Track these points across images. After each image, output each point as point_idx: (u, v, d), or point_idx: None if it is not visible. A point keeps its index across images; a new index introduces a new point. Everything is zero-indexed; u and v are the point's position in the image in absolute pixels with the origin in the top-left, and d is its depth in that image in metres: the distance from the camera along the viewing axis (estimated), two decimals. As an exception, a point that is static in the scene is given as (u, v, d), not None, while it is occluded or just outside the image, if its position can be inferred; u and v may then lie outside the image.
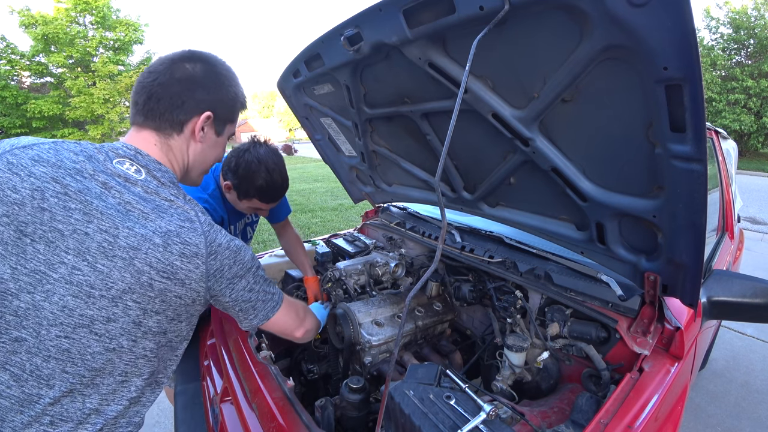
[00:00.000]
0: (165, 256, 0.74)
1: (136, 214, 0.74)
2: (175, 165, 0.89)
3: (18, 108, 15.55)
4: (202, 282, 0.79)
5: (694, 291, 1.00)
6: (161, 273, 0.74)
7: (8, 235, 0.69)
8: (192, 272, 0.77)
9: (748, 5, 14.79)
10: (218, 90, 0.88)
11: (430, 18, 0.98)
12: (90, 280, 0.70)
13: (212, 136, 0.92)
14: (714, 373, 2.70)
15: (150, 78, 0.83)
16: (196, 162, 0.93)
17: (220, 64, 0.91)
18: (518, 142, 1.13)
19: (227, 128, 0.96)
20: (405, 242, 2.03)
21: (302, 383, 1.68)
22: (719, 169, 2.14)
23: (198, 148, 0.91)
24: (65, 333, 0.70)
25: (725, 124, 14.20)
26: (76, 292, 0.70)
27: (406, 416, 0.88)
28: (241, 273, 0.86)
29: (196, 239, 0.77)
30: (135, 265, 0.72)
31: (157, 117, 0.83)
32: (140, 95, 0.83)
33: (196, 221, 0.79)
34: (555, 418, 1.01)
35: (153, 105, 0.83)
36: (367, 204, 2.43)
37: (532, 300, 1.41)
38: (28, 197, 0.69)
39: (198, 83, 0.85)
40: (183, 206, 0.80)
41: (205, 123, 0.88)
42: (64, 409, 0.72)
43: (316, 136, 2.06)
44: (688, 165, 0.81)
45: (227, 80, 0.90)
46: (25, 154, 0.72)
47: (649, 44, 0.71)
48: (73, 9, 16.31)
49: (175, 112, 0.84)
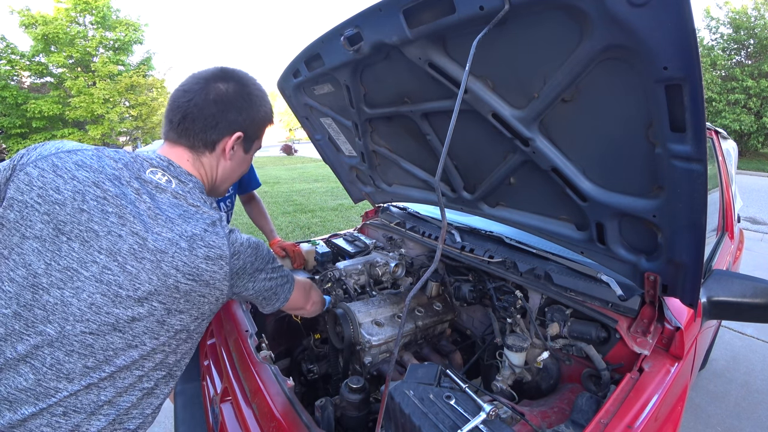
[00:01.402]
0: (191, 260, 0.76)
1: (163, 219, 0.77)
2: (205, 179, 0.93)
3: (18, 108, 15.53)
4: (226, 281, 0.82)
5: (694, 291, 1.00)
6: (187, 276, 0.76)
7: (47, 232, 0.72)
8: (216, 273, 0.80)
9: (748, 5, 14.81)
10: (249, 110, 0.91)
11: (430, 18, 0.98)
12: (119, 280, 0.73)
13: (241, 153, 0.97)
14: (714, 373, 2.70)
15: (185, 98, 0.86)
16: (224, 177, 0.97)
17: (252, 83, 0.93)
18: (518, 142, 1.13)
19: (255, 145, 1.00)
20: (405, 242, 2.03)
21: (302, 383, 1.68)
22: (719, 169, 2.14)
23: (227, 166, 0.95)
24: (90, 329, 0.73)
25: (725, 124, 14.21)
26: (105, 291, 0.73)
27: (406, 416, 0.88)
28: (261, 266, 0.90)
29: (219, 242, 0.80)
30: (162, 268, 0.74)
31: (191, 136, 0.87)
32: (175, 114, 0.87)
33: (219, 225, 0.82)
34: (555, 418, 1.01)
35: (188, 125, 0.86)
36: (367, 204, 2.43)
37: (532, 300, 1.41)
38: (70, 198, 0.73)
39: (231, 104, 0.88)
40: (208, 211, 0.83)
41: (236, 142, 0.91)
42: (78, 400, 0.73)
43: (316, 136, 2.06)
44: (688, 165, 0.81)
45: (258, 100, 0.93)
46: (70, 158, 0.77)
47: (649, 44, 0.71)
48: (73, 9, 16.32)
49: (208, 133, 0.87)
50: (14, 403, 0.70)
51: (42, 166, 0.75)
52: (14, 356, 0.71)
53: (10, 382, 0.71)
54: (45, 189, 0.73)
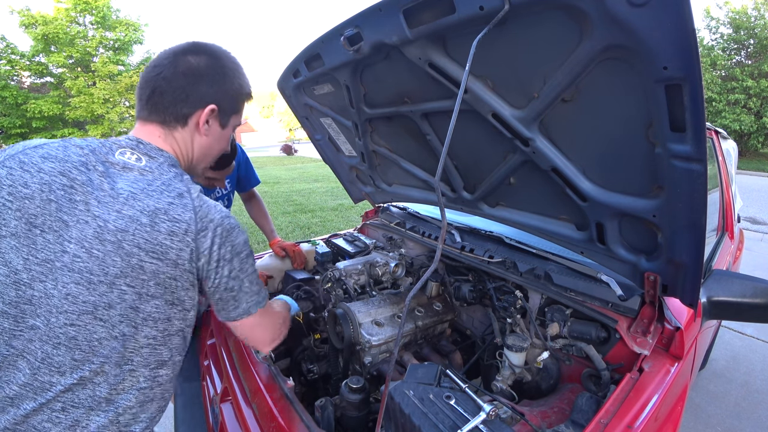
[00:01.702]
0: (152, 236, 0.73)
1: (125, 196, 0.74)
2: (180, 156, 0.89)
3: (18, 108, 15.53)
4: (194, 262, 0.77)
5: (694, 291, 1.00)
6: (150, 254, 0.73)
7: (20, 228, 0.72)
8: (183, 251, 0.75)
9: (748, 5, 14.80)
10: (223, 83, 0.88)
11: (430, 18, 0.98)
12: (89, 267, 0.72)
13: (217, 128, 0.92)
14: (714, 373, 2.70)
15: (154, 72, 0.84)
16: (201, 154, 0.93)
17: (225, 56, 0.90)
18: (518, 142, 1.13)
19: (232, 120, 0.95)
20: (405, 242, 2.03)
21: (302, 383, 1.68)
22: (719, 169, 2.14)
23: (203, 141, 0.91)
24: (70, 320, 0.72)
25: (725, 124, 14.20)
26: (78, 279, 0.72)
27: (406, 416, 0.88)
28: (229, 256, 0.82)
29: (185, 215, 0.75)
30: (124, 247, 0.72)
31: (161, 111, 0.84)
32: (145, 89, 0.84)
33: (188, 197, 0.78)
34: (555, 418, 1.01)
35: (157, 99, 0.83)
36: (367, 204, 2.43)
37: (532, 300, 1.41)
38: (38, 191, 0.72)
39: (202, 76, 0.85)
40: (176, 184, 0.79)
41: (210, 116, 0.88)
42: (75, 396, 0.73)
43: (316, 136, 2.06)
44: (688, 165, 0.81)
45: (232, 72, 0.90)
46: (36, 153, 0.75)
47: (649, 44, 0.71)
48: (73, 9, 16.29)
49: (179, 106, 0.84)
50: (15, 399, 0.71)
51: (9, 164, 0.73)
52: (11, 353, 0.71)
53: (11, 378, 0.71)
54: (14, 186, 0.72)
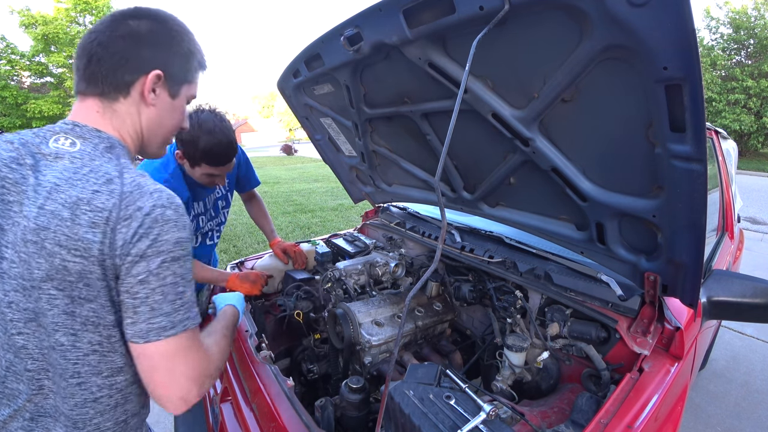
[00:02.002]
0: (73, 231, 0.63)
1: (48, 189, 0.65)
2: (126, 134, 0.78)
3: (18, 108, 15.54)
4: (112, 259, 0.65)
5: (694, 291, 1.00)
6: (73, 251, 0.64)
7: None
8: (104, 244, 0.64)
9: (748, 5, 14.81)
10: (168, 47, 0.78)
11: (430, 18, 0.98)
12: (20, 271, 0.66)
13: (166, 98, 0.81)
14: (714, 373, 2.70)
15: (90, 38, 0.74)
16: (152, 128, 0.82)
17: (171, 19, 0.81)
18: (518, 142, 1.13)
19: (184, 90, 0.84)
20: (405, 242, 2.03)
21: (302, 383, 1.68)
22: (719, 169, 2.14)
23: (152, 114, 0.80)
24: (17, 329, 0.68)
25: (725, 124, 14.21)
26: (16, 286, 0.67)
27: (406, 416, 0.88)
28: (149, 253, 0.66)
29: (109, 203, 0.64)
30: (46, 247, 0.64)
31: (99, 80, 0.74)
32: (81, 59, 0.74)
33: (117, 182, 0.67)
34: (555, 418, 1.01)
35: (94, 68, 0.73)
36: (367, 204, 2.43)
37: (532, 300, 1.41)
38: None
39: (144, 40, 0.75)
40: (105, 168, 0.68)
41: (156, 84, 0.78)
42: (39, 406, 0.71)
43: (316, 136, 2.06)
44: (688, 165, 0.81)
45: (179, 35, 0.80)
46: None
47: (649, 44, 0.71)
48: (73, 9, 16.30)
49: (118, 73, 0.74)
50: None
51: None
52: None
53: None
54: None
